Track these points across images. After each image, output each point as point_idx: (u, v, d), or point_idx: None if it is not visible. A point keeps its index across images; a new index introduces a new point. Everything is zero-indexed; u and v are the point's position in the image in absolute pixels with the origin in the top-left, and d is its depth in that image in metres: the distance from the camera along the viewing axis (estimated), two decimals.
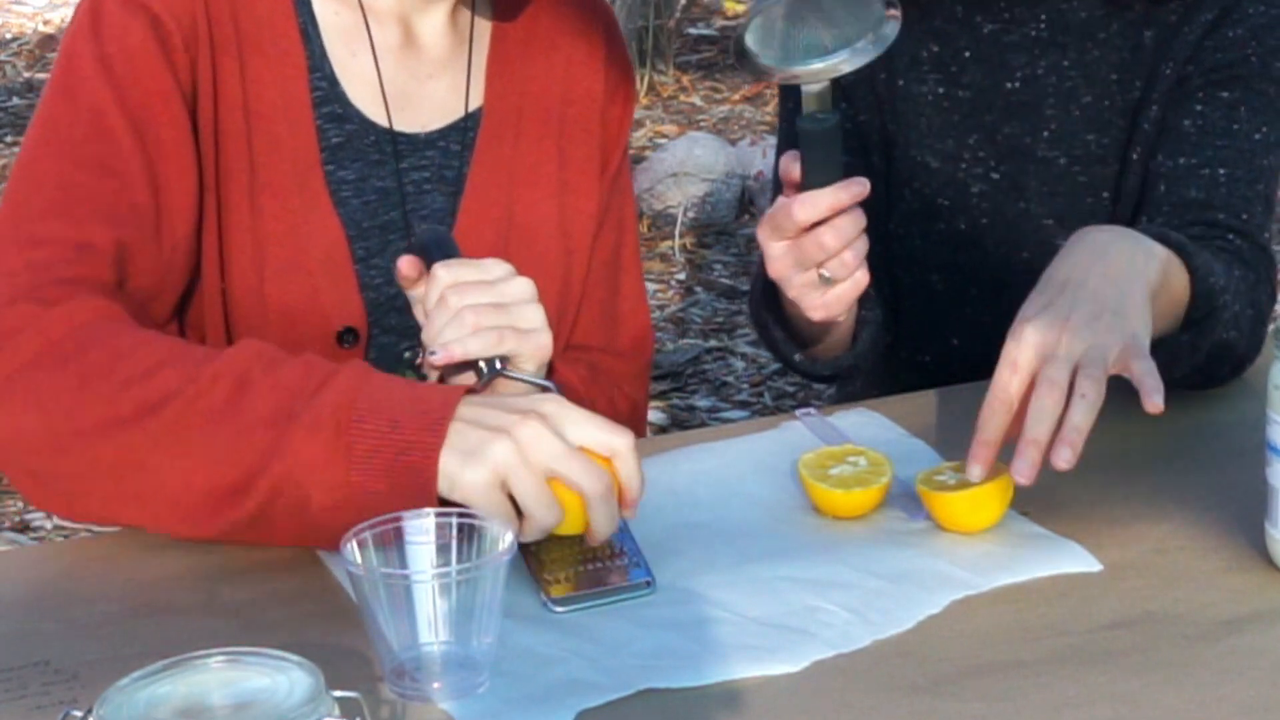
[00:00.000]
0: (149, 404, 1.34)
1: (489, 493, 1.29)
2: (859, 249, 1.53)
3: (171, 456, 1.33)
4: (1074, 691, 1.21)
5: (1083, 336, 1.40)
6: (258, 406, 1.33)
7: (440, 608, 1.20)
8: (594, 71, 1.73)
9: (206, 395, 1.33)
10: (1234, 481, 1.47)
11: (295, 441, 1.31)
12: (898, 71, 1.85)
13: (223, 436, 1.32)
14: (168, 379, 1.35)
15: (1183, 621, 1.30)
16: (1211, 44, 1.78)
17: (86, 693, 1.19)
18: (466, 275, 1.45)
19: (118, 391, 1.34)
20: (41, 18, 6.40)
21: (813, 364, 1.75)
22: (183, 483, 1.34)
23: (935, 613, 1.31)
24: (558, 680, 1.23)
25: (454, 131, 1.66)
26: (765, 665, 1.24)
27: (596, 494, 1.30)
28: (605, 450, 1.32)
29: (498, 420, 1.31)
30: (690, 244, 4.45)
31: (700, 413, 3.64)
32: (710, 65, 5.86)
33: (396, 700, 1.21)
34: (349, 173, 1.62)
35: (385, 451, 1.30)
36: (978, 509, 1.42)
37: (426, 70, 1.66)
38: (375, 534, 1.23)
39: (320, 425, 1.31)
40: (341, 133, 1.62)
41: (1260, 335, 1.69)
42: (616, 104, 1.76)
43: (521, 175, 1.68)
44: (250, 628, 1.29)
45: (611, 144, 1.75)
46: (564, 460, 1.30)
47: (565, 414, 1.33)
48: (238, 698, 1.08)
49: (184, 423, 1.33)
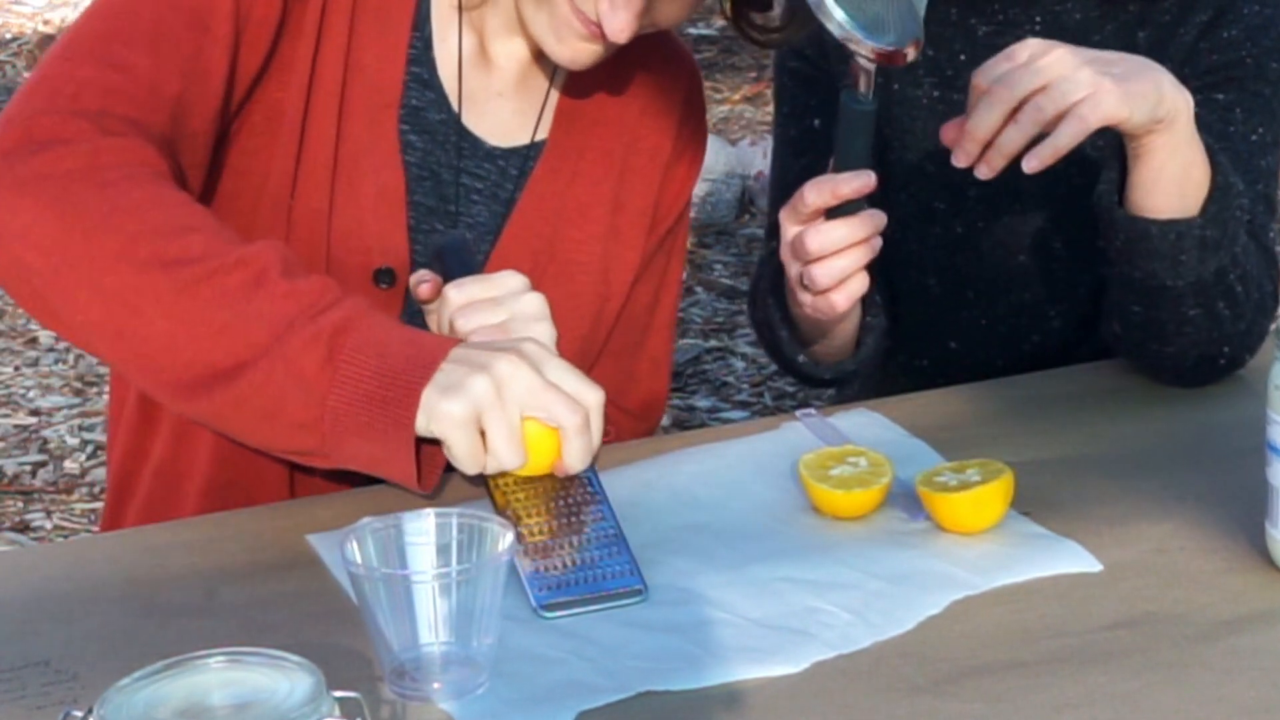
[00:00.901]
0: (166, 258, 1.34)
1: (463, 427, 1.32)
2: (838, 266, 1.54)
3: (167, 315, 1.34)
4: (1074, 692, 1.21)
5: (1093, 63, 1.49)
6: (265, 305, 1.33)
7: (440, 608, 1.20)
8: (665, 129, 1.72)
9: (222, 275, 1.34)
10: (1234, 481, 1.47)
11: (287, 350, 1.32)
12: (893, 76, 1.85)
13: (222, 319, 1.33)
14: (192, 243, 1.35)
15: (1183, 622, 1.30)
16: (1207, 45, 1.78)
17: (87, 693, 1.19)
18: (477, 294, 1.45)
19: (142, 234, 1.35)
20: (41, 18, 6.39)
21: (815, 366, 1.76)
22: (168, 344, 1.34)
23: (935, 613, 1.31)
24: (558, 681, 1.23)
25: (515, 156, 1.65)
26: (765, 666, 1.24)
27: (572, 427, 1.34)
28: (576, 398, 1.35)
29: (480, 359, 1.34)
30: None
31: (700, 413, 3.64)
32: (710, 65, 5.86)
33: (396, 700, 1.21)
34: (419, 139, 1.61)
35: (369, 381, 1.32)
36: (978, 509, 1.42)
37: (496, 88, 1.65)
38: (375, 533, 1.24)
39: (316, 341, 1.32)
40: (422, 99, 1.60)
41: (1259, 325, 1.69)
42: (682, 165, 1.75)
43: (570, 214, 1.67)
44: (250, 628, 1.29)
45: (671, 201, 1.74)
46: (539, 394, 1.34)
47: (545, 354, 1.37)
48: (238, 698, 1.08)
49: (192, 290, 1.33)
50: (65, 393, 3.74)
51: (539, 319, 1.44)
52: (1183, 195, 1.58)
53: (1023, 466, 1.46)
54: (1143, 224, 1.59)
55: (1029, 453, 1.55)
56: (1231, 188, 1.59)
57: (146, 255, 1.34)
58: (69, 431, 3.56)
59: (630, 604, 1.32)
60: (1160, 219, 1.58)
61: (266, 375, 1.32)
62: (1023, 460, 1.49)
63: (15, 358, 3.91)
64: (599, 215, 1.68)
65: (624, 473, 1.53)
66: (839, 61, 1.87)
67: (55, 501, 3.29)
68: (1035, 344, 1.89)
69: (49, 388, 3.76)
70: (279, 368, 1.32)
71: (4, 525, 3.21)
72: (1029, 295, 1.87)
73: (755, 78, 5.72)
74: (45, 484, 3.35)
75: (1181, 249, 1.59)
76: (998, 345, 1.89)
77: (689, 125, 1.75)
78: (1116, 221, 1.60)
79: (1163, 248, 1.59)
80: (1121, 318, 1.69)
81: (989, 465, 1.45)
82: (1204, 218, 1.59)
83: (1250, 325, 1.68)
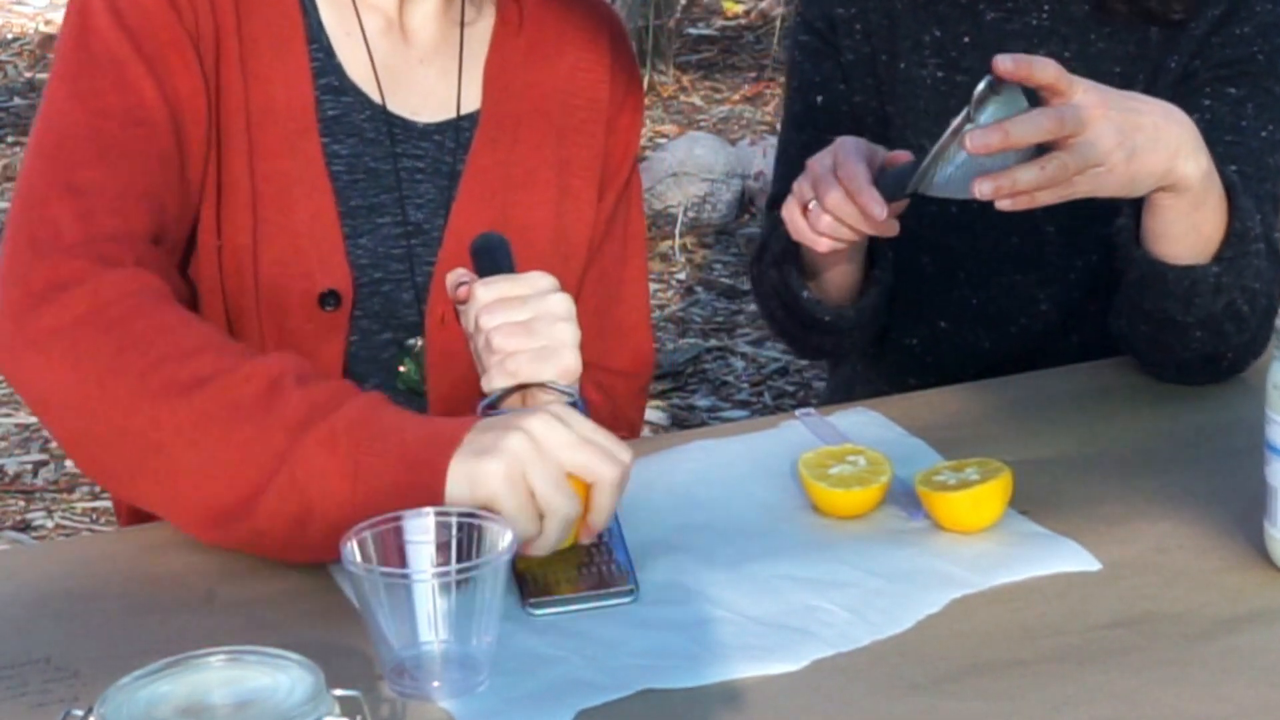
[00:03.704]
0: (180, 384, 1.34)
1: (510, 484, 1.28)
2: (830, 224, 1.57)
3: (192, 445, 1.33)
4: (1073, 690, 1.21)
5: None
6: (283, 411, 1.32)
7: (440, 607, 1.20)
8: (599, 80, 1.72)
9: (238, 389, 1.34)
10: (1233, 481, 1.47)
11: (307, 450, 1.31)
12: (900, 54, 1.86)
13: (244, 434, 1.32)
14: (203, 364, 1.35)
15: (1181, 620, 1.30)
16: (1219, 40, 1.78)
17: (87, 691, 1.20)
18: (504, 291, 1.44)
19: (153, 366, 1.35)
20: (43, 18, 6.39)
21: (817, 305, 1.76)
22: (198, 476, 1.34)
23: (934, 612, 1.31)
24: (557, 680, 1.23)
25: (449, 128, 1.66)
26: (765, 665, 1.24)
27: (611, 480, 1.32)
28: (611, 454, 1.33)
29: (509, 422, 1.32)
30: (690, 244, 4.45)
31: (700, 412, 3.64)
32: (710, 65, 5.86)
33: (396, 699, 1.21)
34: (343, 148, 1.61)
35: (393, 470, 1.30)
36: (977, 508, 1.42)
37: (416, 55, 1.65)
38: (375, 533, 1.24)
39: (334, 438, 1.31)
40: (338, 105, 1.61)
41: (1264, 332, 1.69)
42: (625, 113, 1.74)
43: (517, 179, 1.67)
44: (251, 626, 1.29)
45: (620, 154, 1.74)
46: (577, 449, 1.31)
47: (572, 414, 1.34)
48: (238, 696, 1.09)
49: (210, 411, 1.33)
50: None
51: (563, 319, 1.44)
52: (1195, 245, 1.59)
53: (1021, 465, 1.46)
54: (1160, 267, 1.60)
55: (1028, 452, 1.55)
56: (1248, 233, 1.60)
57: (159, 386, 1.34)
58: None
59: (622, 603, 1.32)
60: (1175, 264, 1.59)
61: (290, 482, 1.31)
62: (1021, 459, 1.49)
63: None
64: (547, 177, 1.68)
65: None
66: (846, 36, 1.89)
67: (56, 501, 3.29)
68: (1023, 326, 1.90)
69: None
70: (299, 470, 1.30)
71: (5, 524, 3.21)
72: (1020, 278, 1.88)
73: (755, 78, 5.72)
74: (46, 483, 3.36)
75: (1195, 292, 1.60)
76: (986, 326, 1.90)
77: (622, 71, 1.74)
78: (1133, 259, 1.61)
79: (1176, 290, 1.60)
80: (1128, 329, 1.70)
81: (988, 464, 1.45)
82: (1219, 265, 1.59)
83: (1255, 333, 1.68)
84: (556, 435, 1.31)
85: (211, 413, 1.33)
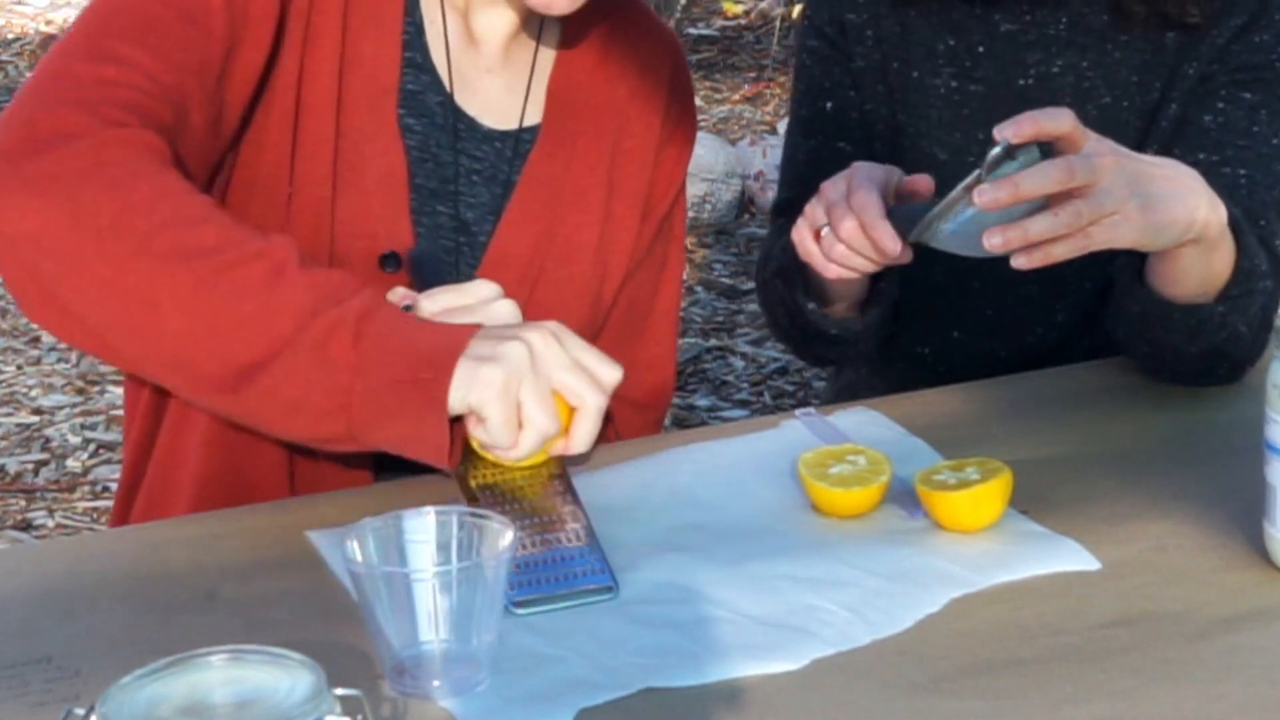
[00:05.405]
0: (184, 250, 1.34)
1: (502, 394, 1.33)
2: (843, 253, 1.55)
3: (187, 308, 1.33)
4: (1072, 689, 1.21)
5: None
6: (288, 295, 1.33)
7: (440, 605, 1.20)
8: (655, 108, 1.72)
9: (242, 266, 1.34)
10: (1232, 480, 1.47)
11: (313, 337, 1.32)
12: (912, 62, 1.85)
13: (244, 311, 1.33)
14: (208, 234, 1.35)
15: (1181, 620, 1.30)
16: (1239, 47, 1.78)
17: (88, 690, 1.20)
18: (450, 302, 1.46)
19: (157, 228, 1.34)
20: (43, 18, 6.40)
21: (823, 318, 1.75)
22: (189, 340, 1.34)
23: (934, 611, 1.32)
24: (558, 679, 1.23)
25: (509, 139, 1.66)
26: (765, 664, 1.25)
27: (594, 406, 1.38)
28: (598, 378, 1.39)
29: (510, 332, 1.37)
30: (690, 244, 4.45)
31: (700, 412, 3.64)
32: (710, 65, 5.87)
33: (397, 698, 1.21)
34: (416, 123, 1.61)
35: (398, 363, 1.33)
36: (977, 508, 1.42)
37: (484, 65, 1.66)
38: (376, 532, 1.24)
39: (340, 326, 1.32)
40: (418, 82, 1.61)
41: (1262, 339, 1.70)
42: (674, 144, 1.75)
43: (568, 197, 1.68)
44: (252, 625, 1.30)
45: (665, 183, 1.75)
46: (568, 370, 1.37)
47: (567, 333, 1.40)
48: (240, 695, 1.09)
49: (211, 283, 1.33)
50: (67, 391, 3.74)
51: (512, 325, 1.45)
52: (1202, 285, 1.59)
53: (1021, 465, 1.46)
54: (1166, 306, 1.60)
55: (1027, 451, 1.55)
56: (1255, 270, 1.60)
57: (163, 248, 1.34)
58: (71, 430, 3.57)
59: (601, 601, 1.33)
60: (1181, 303, 1.59)
61: (293, 365, 1.32)
62: (1021, 458, 1.49)
63: (18, 356, 3.91)
64: (596, 199, 1.69)
65: (624, 472, 1.53)
66: (856, 43, 1.88)
67: (57, 500, 3.30)
68: (1038, 336, 1.90)
69: (51, 386, 3.77)
70: (305, 357, 1.32)
71: (6, 524, 3.21)
72: (1036, 289, 1.87)
73: (755, 78, 5.72)
74: (47, 482, 3.36)
75: (1200, 330, 1.60)
76: (1001, 336, 1.90)
77: (677, 104, 1.75)
78: (1136, 295, 1.62)
79: (1181, 327, 1.61)
80: (1125, 344, 1.71)
81: (987, 463, 1.45)
82: (1225, 305, 1.60)
83: (1254, 341, 1.69)
84: (552, 353, 1.36)
85: (213, 283, 1.33)
